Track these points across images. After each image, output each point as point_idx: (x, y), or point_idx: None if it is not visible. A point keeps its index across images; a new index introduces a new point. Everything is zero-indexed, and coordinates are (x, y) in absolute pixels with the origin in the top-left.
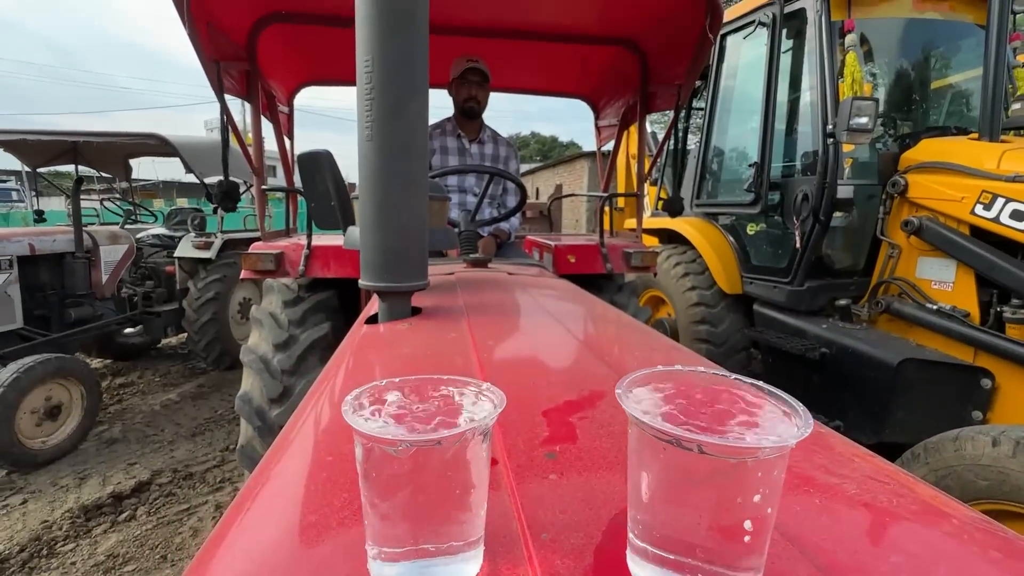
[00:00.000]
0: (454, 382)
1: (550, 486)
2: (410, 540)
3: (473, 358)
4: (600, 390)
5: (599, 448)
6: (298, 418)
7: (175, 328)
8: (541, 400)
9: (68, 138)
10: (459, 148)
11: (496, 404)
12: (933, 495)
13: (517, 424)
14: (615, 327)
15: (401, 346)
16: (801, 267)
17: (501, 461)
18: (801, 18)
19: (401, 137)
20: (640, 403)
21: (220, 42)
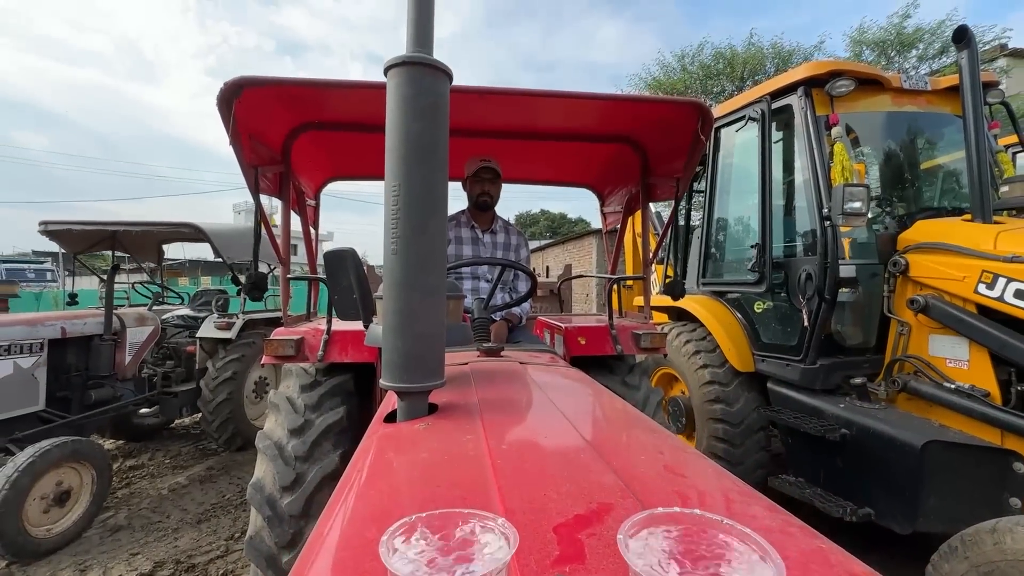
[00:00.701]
0: (473, 516)
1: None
2: None
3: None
4: (608, 503)
5: (607, 568)
6: (321, 532)
7: (190, 408)
8: (551, 515)
9: (109, 227)
10: (473, 238)
11: (511, 541)
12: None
13: (529, 541)
14: (625, 427)
15: (419, 450)
16: (812, 345)
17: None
18: (788, 113)
19: (422, 252)
20: (641, 556)
21: (259, 151)
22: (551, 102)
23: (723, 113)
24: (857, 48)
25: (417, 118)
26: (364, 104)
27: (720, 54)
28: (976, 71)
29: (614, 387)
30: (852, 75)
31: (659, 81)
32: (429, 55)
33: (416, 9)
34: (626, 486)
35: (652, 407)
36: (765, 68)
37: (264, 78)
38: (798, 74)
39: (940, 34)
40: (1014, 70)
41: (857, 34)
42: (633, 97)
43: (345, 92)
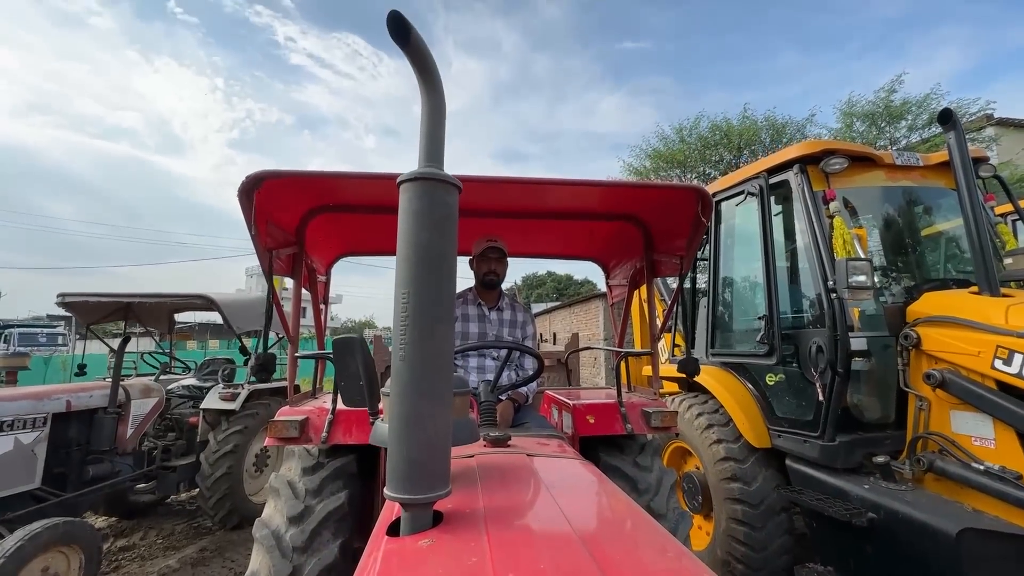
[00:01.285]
0: None
1: None
2: None
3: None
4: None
5: None
6: None
7: (187, 483)
8: None
9: (123, 299)
10: (479, 316)
11: None
12: None
13: None
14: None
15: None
16: (829, 420)
17: None
18: (786, 187)
19: (430, 357)
20: None
21: (275, 235)
22: (557, 188)
23: (722, 187)
24: (848, 120)
25: (427, 230)
26: (375, 189)
27: (716, 127)
28: (965, 151)
29: (625, 468)
30: (844, 153)
31: (659, 152)
32: (440, 169)
33: (428, 128)
34: None
35: (666, 491)
36: (761, 139)
37: (283, 172)
38: (792, 152)
39: (927, 106)
40: (1003, 138)
41: (847, 107)
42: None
43: (358, 180)
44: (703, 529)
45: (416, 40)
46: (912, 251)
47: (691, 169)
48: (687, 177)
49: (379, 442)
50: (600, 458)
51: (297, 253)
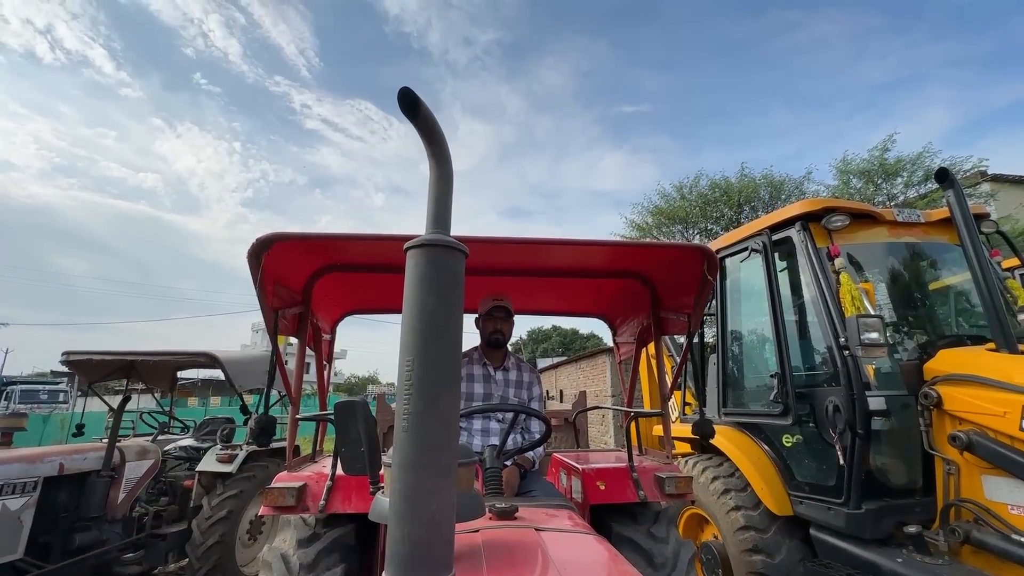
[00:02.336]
0: None
1: None
2: None
3: None
4: None
5: None
6: None
7: (177, 553)
8: None
9: (128, 357)
10: (485, 375)
11: None
12: None
13: None
14: None
15: None
16: (852, 486)
17: None
18: (789, 244)
19: (435, 428)
20: None
21: (282, 295)
22: (562, 248)
23: (725, 244)
24: (844, 177)
25: (433, 296)
26: (381, 249)
27: (716, 184)
28: (966, 208)
29: (639, 540)
30: (845, 211)
31: (660, 209)
32: (447, 235)
33: (436, 194)
34: None
35: (684, 565)
36: (760, 195)
37: (293, 234)
38: (794, 210)
39: (921, 164)
40: (1000, 194)
41: (842, 164)
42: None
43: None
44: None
45: (425, 113)
46: (922, 306)
47: (693, 225)
48: (689, 233)
49: (379, 518)
50: (612, 528)
51: (303, 313)
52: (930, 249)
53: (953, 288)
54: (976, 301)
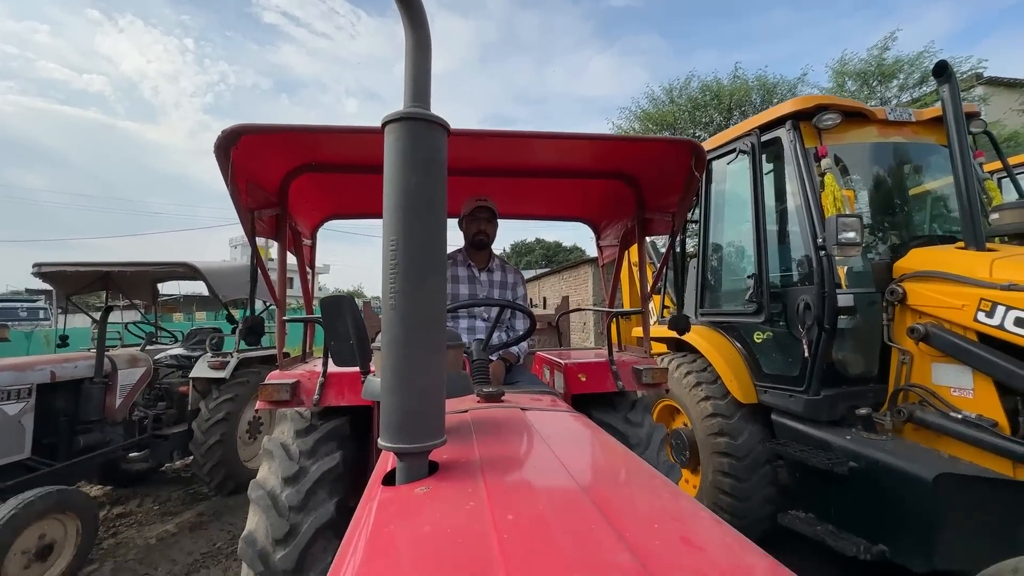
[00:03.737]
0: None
1: None
2: None
3: (493, 542)
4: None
5: None
6: None
7: (181, 451)
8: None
9: (102, 268)
10: (469, 277)
11: None
12: None
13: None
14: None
15: (420, 522)
16: (814, 375)
17: None
18: (777, 145)
19: (422, 307)
20: None
21: (256, 194)
22: (547, 142)
23: (713, 146)
24: (840, 79)
25: (415, 172)
26: (360, 146)
27: (707, 87)
28: (958, 104)
29: (616, 424)
30: (837, 109)
31: (648, 114)
32: (426, 109)
33: (413, 65)
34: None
35: (656, 445)
36: (751, 99)
37: (262, 125)
38: (785, 108)
39: (919, 65)
40: (992, 98)
41: (839, 66)
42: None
43: (341, 136)
44: (690, 483)
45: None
46: (900, 209)
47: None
48: None
49: (372, 396)
50: (591, 415)
51: (280, 215)
52: (916, 151)
53: (932, 193)
54: (953, 207)
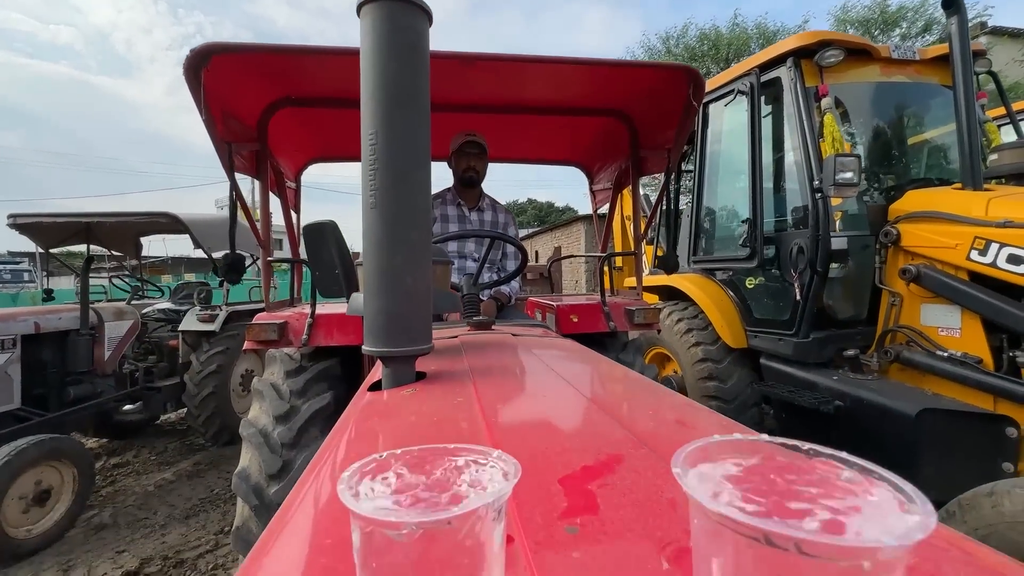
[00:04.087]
0: (462, 451)
1: (574, 565)
2: None
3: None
4: (617, 454)
5: (623, 518)
6: (295, 496)
7: (175, 404)
8: (556, 467)
9: (81, 219)
10: (459, 216)
11: (510, 475)
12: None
13: (533, 495)
14: (625, 385)
15: (406, 414)
16: (804, 319)
17: (518, 538)
18: (777, 86)
19: (404, 205)
20: (703, 485)
21: (233, 126)
22: (536, 69)
23: (711, 88)
24: (841, 27)
25: (395, 59)
26: (345, 77)
27: (705, 36)
28: (966, 37)
29: None
30: (841, 45)
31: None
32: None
33: None
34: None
35: None
36: (750, 49)
37: (234, 44)
38: (787, 45)
39: (923, 12)
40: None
41: (841, 13)
42: (622, 63)
43: (324, 63)
44: None
45: None
46: (899, 153)
47: None
48: None
49: (356, 311)
50: None
51: (260, 151)
52: (918, 92)
53: (932, 141)
54: (953, 156)
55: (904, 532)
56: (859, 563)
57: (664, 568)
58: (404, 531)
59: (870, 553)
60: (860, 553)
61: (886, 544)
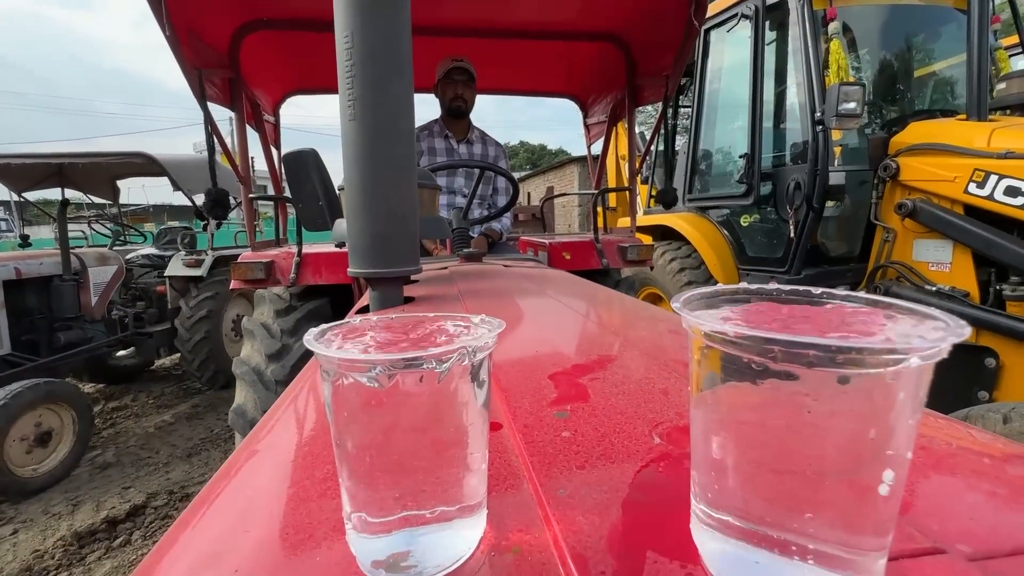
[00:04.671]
0: (444, 317)
1: (564, 444)
2: (393, 505)
3: None
4: (609, 354)
5: (615, 405)
6: (282, 401)
7: (168, 348)
8: (546, 367)
9: (52, 160)
10: (447, 149)
11: (493, 327)
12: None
13: (522, 388)
14: (618, 303)
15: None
16: (797, 256)
17: (506, 423)
18: (783, 9)
19: (385, 117)
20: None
21: (201, 49)
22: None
23: (713, 13)
24: None
25: None
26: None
27: None
28: None
29: None
30: None
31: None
32: None
33: None
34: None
35: None
36: None
37: None
38: None
39: None
40: None
41: None
42: None
43: None
44: None
45: None
46: (905, 83)
47: None
48: None
49: (340, 237)
50: None
51: (234, 79)
52: (929, 16)
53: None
54: (960, 90)
55: (938, 336)
56: (882, 371)
57: (656, 443)
58: (376, 370)
59: (900, 354)
60: (885, 355)
61: (916, 345)
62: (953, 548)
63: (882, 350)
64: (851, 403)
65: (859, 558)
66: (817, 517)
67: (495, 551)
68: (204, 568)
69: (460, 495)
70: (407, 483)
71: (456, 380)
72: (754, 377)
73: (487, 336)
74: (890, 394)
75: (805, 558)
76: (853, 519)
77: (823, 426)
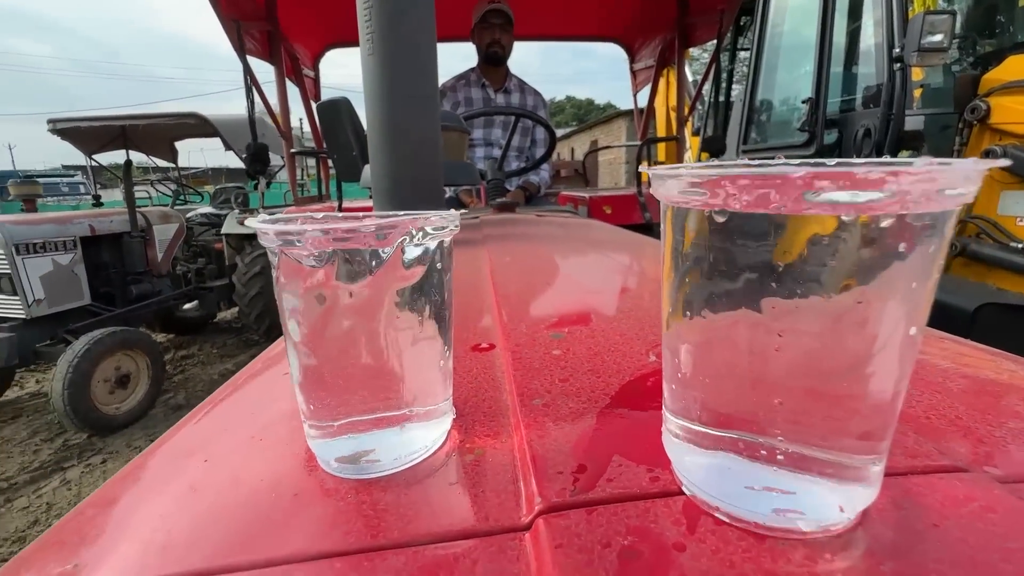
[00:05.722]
0: (416, 215)
1: (552, 360)
2: (339, 405)
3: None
4: (625, 287)
5: (617, 328)
6: None
7: (227, 302)
8: (554, 296)
9: (115, 122)
10: (484, 98)
11: (453, 217)
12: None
13: (522, 313)
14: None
15: None
16: None
17: (499, 344)
18: None
19: (404, 50)
20: None
21: (239, 2)
22: None
23: None
24: None
25: None
26: None
27: None
28: None
29: None
30: None
31: None
32: None
33: None
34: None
35: None
36: None
37: None
38: None
39: None
40: None
41: None
42: None
43: None
44: None
45: None
46: (1008, 12)
47: None
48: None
49: (366, 183)
50: None
51: (273, 32)
52: None
53: None
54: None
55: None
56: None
57: (651, 360)
58: (310, 231)
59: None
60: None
61: (936, 169)
62: (979, 470)
63: (871, 181)
64: (828, 257)
65: (845, 460)
66: (794, 415)
67: (457, 452)
68: (184, 457)
69: (415, 395)
70: (356, 379)
71: (405, 265)
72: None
73: (440, 221)
74: (884, 244)
75: (778, 461)
76: (834, 413)
77: (794, 304)
